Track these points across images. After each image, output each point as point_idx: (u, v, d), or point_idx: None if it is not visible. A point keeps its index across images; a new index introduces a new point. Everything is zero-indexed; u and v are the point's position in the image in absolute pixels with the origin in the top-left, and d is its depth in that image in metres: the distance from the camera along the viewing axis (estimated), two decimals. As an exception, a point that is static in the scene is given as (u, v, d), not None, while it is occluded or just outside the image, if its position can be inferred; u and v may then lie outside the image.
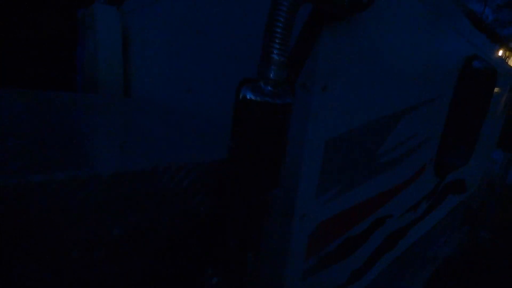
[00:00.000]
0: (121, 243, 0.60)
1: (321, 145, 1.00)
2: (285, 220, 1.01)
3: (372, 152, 1.30)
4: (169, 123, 1.38)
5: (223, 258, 0.77)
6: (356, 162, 1.21)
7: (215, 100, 1.52)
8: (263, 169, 0.67)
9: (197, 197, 0.71)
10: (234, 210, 0.71)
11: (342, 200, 1.20)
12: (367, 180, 1.32)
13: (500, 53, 2.85)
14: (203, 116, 1.54)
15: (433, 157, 2.00)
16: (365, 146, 1.23)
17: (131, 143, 0.87)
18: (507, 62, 3.08)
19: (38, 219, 0.50)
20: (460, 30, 1.77)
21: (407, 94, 1.42)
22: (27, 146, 0.64)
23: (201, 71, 1.59)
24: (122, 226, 0.59)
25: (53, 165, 0.54)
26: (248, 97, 0.60)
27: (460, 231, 3.44)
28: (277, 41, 0.62)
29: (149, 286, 0.70)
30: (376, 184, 1.40)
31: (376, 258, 1.67)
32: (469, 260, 3.59)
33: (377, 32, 1.07)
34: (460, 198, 3.06)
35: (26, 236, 0.50)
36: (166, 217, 0.67)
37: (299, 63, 0.84)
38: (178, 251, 0.71)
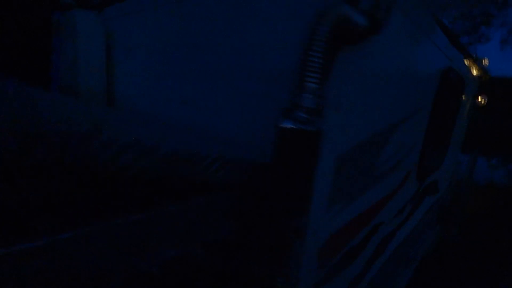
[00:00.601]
0: (158, 280, 0.58)
1: (332, 162, 1.02)
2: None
3: (372, 164, 1.35)
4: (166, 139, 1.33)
5: (253, 285, 0.76)
6: (359, 174, 1.26)
7: (213, 113, 1.49)
8: (297, 194, 0.67)
9: (227, 224, 0.70)
10: (265, 236, 0.70)
11: (347, 211, 1.24)
12: (367, 190, 1.38)
13: (465, 62, 3.11)
14: (201, 132, 1.50)
15: (416, 162, 2.12)
16: (366, 159, 1.28)
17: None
18: (470, 71, 3.36)
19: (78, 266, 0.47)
20: (439, 45, 1.90)
21: (401, 107, 1.50)
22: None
23: (198, 83, 1.56)
24: (160, 263, 0.57)
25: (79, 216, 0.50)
26: (286, 126, 0.61)
27: (434, 229, 3.67)
28: (310, 69, 0.63)
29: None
30: (374, 193, 1.46)
31: (371, 263, 1.73)
32: (441, 255, 3.84)
33: (379, 55, 1.13)
34: (434, 199, 3.27)
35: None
36: (199, 247, 0.65)
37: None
38: (209, 280, 0.69)
